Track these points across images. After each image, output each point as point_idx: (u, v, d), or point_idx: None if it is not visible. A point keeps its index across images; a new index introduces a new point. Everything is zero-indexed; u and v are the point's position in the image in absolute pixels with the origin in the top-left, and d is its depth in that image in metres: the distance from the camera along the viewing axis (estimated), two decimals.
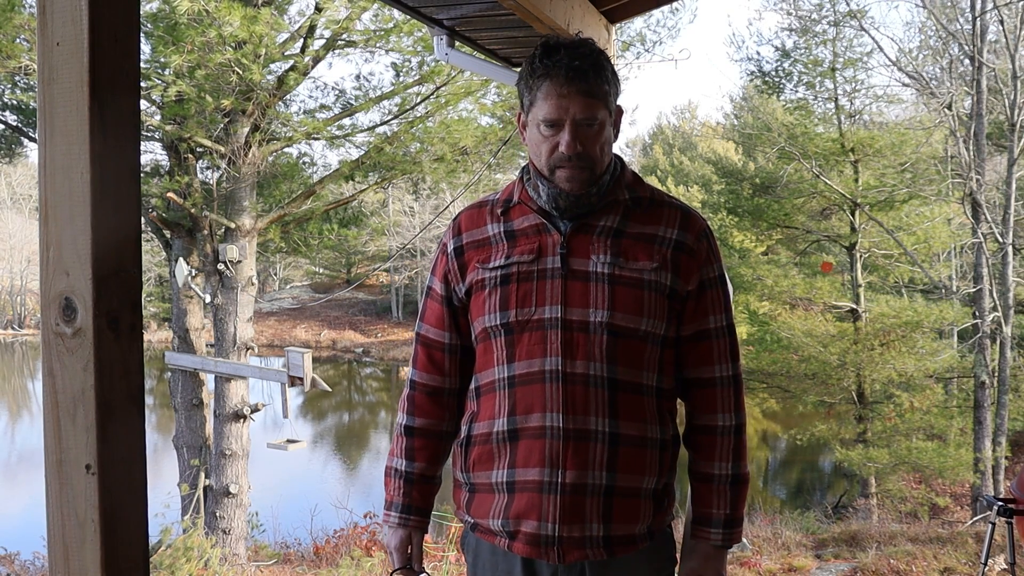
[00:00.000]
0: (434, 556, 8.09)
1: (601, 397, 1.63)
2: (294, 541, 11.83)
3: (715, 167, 22.38)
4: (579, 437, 1.62)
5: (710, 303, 1.72)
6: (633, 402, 1.65)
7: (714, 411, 1.73)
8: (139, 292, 1.20)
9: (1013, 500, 3.94)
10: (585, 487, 1.62)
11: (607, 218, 1.69)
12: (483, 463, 1.71)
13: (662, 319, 1.67)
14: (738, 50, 42.36)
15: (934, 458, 14.16)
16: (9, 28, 9.13)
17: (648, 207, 1.72)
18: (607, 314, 1.63)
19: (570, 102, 1.62)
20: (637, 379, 1.65)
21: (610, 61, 1.68)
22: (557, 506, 1.62)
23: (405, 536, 1.83)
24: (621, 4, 3.97)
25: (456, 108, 11.65)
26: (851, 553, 8.13)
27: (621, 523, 1.65)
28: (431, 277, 1.83)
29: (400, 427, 1.85)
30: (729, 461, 1.72)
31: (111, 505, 1.17)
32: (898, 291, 19.00)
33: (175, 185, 10.96)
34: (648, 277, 1.65)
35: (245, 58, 9.54)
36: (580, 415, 1.62)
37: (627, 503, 1.65)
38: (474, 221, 1.78)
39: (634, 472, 1.65)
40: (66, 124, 1.15)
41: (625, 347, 1.64)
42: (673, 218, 1.72)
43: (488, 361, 1.71)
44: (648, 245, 1.67)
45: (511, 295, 1.67)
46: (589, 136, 1.64)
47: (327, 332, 36.12)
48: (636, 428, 1.65)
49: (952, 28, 15.27)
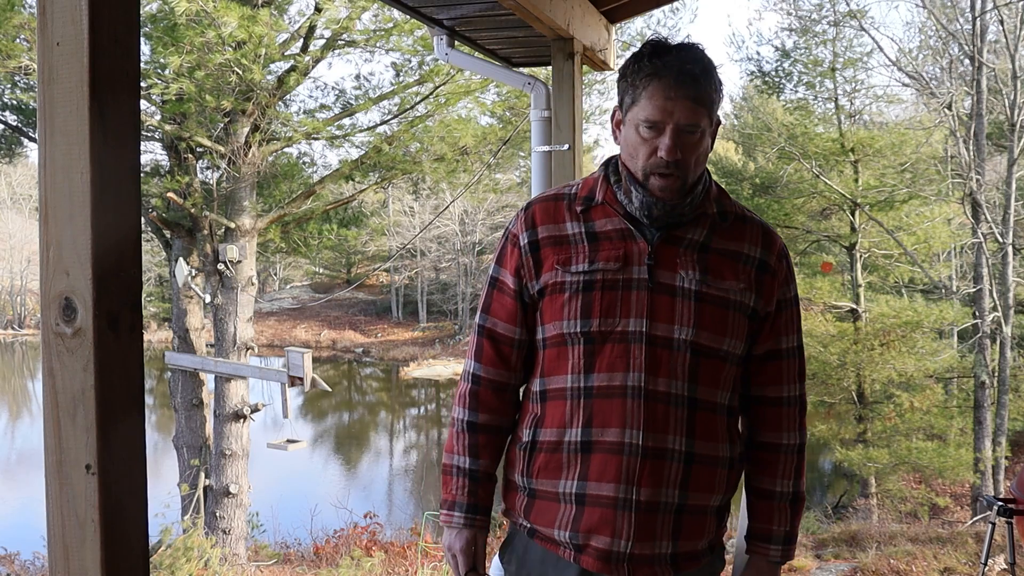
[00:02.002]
0: (434, 556, 8.09)
1: (680, 416, 1.60)
2: (294, 541, 11.83)
3: (715, 167, 22.33)
4: (656, 455, 1.59)
5: (784, 324, 1.72)
6: (709, 421, 1.64)
7: (779, 430, 1.73)
8: (139, 292, 1.20)
9: (1013, 500, 3.94)
10: (658, 505, 1.61)
11: (695, 231, 1.65)
12: (550, 471, 1.66)
13: (742, 339, 1.66)
14: (738, 50, 42.41)
15: (934, 458, 14.17)
16: (9, 28, 9.13)
17: (733, 222, 1.69)
18: (692, 332, 1.60)
19: (676, 106, 1.56)
20: (714, 398, 1.65)
21: (717, 69, 1.62)
22: (632, 523, 1.60)
23: (471, 537, 1.75)
24: (621, 4, 3.97)
25: (456, 108, 11.65)
26: (851, 553, 8.13)
27: (688, 540, 1.65)
28: (498, 268, 1.75)
29: (461, 423, 1.76)
30: (791, 479, 1.74)
31: (111, 505, 1.17)
32: (898, 291, 19.01)
33: (175, 185, 10.96)
34: (734, 297, 1.64)
35: (245, 58, 9.55)
36: (660, 433, 1.59)
37: (695, 520, 1.65)
38: (551, 215, 1.70)
39: (704, 491, 1.65)
40: (66, 124, 1.15)
41: (707, 366, 1.62)
42: (756, 235, 1.70)
43: (561, 367, 1.66)
44: (734, 263, 1.65)
45: (594, 303, 1.61)
46: (689, 144, 1.58)
47: (327, 332, 36.13)
48: (710, 447, 1.64)
49: (952, 28, 15.27)
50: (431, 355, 32.11)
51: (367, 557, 8.58)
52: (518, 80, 3.95)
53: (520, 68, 4.37)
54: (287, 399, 9.99)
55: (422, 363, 31.29)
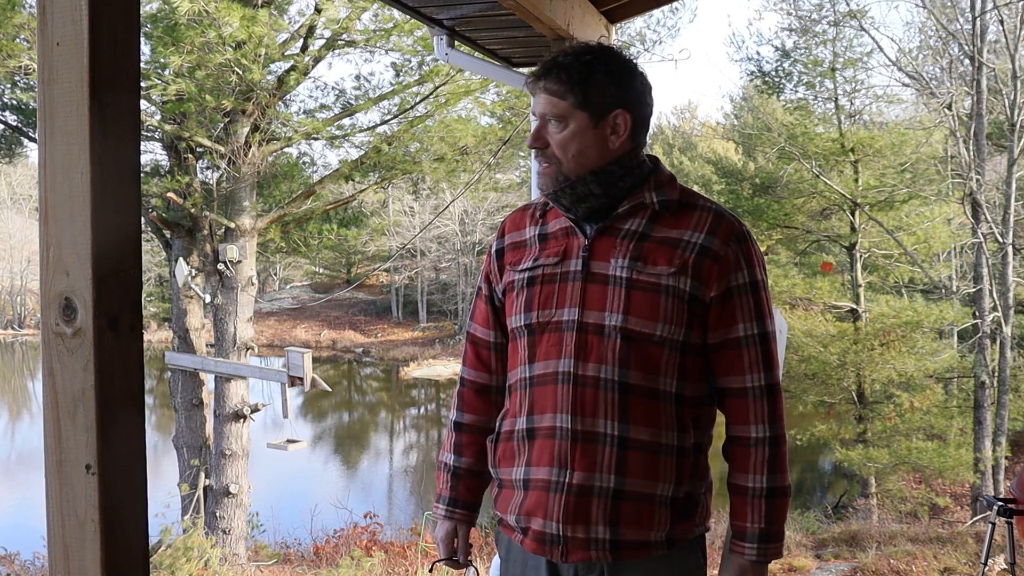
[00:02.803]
0: (434, 556, 8.09)
1: (611, 401, 1.63)
2: (294, 541, 11.84)
3: (715, 167, 22.39)
4: (587, 439, 1.64)
5: (738, 310, 1.67)
6: (647, 407, 1.64)
7: (746, 422, 1.69)
8: (139, 292, 1.20)
9: (1013, 500, 3.94)
10: (592, 489, 1.64)
11: (632, 222, 1.69)
12: (507, 460, 1.76)
13: (680, 325, 1.64)
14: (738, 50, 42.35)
15: (934, 458, 14.17)
16: (9, 28, 9.13)
17: (677, 210, 1.69)
18: (622, 318, 1.63)
19: (537, 98, 1.69)
20: (652, 384, 1.65)
21: (606, 63, 1.67)
22: (563, 506, 1.65)
23: (451, 528, 1.90)
24: (621, 4, 3.97)
25: (456, 108, 11.65)
26: (851, 553, 8.13)
27: (631, 528, 1.65)
28: (479, 277, 1.90)
29: (451, 422, 1.92)
30: (763, 474, 1.68)
31: (111, 505, 1.17)
32: (898, 291, 19.01)
33: (175, 185, 10.96)
34: (666, 282, 1.64)
35: (245, 58, 9.55)
36: (589, 417, 1.64)
37: (638, 508, 1.65)
38: (516, 224, 1.84)
39: (645, 478, 1.64)
40: (66, 124, 1.15)
41: (640, 352, 1.64)
42: (703, 222, 1.68)
43: (515, 361, 1.76)
44: (671, 249, 1.65)
45: (535, 297, 1.71)
46: (554, 134, 1.68)
47: (327, 332, 36.14)
48: (648, 433, 1.64)
49: (952, 28, 15.28)
50: (431, 355, 32.12)
51: (367, 557, 8.58)
52: (518, 80, 3.95)
53: (520, 68, 4.37)
54: (287, 399, 9.99)
55: (422, 363, 31.30)
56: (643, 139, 1.74)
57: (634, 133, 1.70)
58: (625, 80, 1.68)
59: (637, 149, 1.72)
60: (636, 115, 1.70)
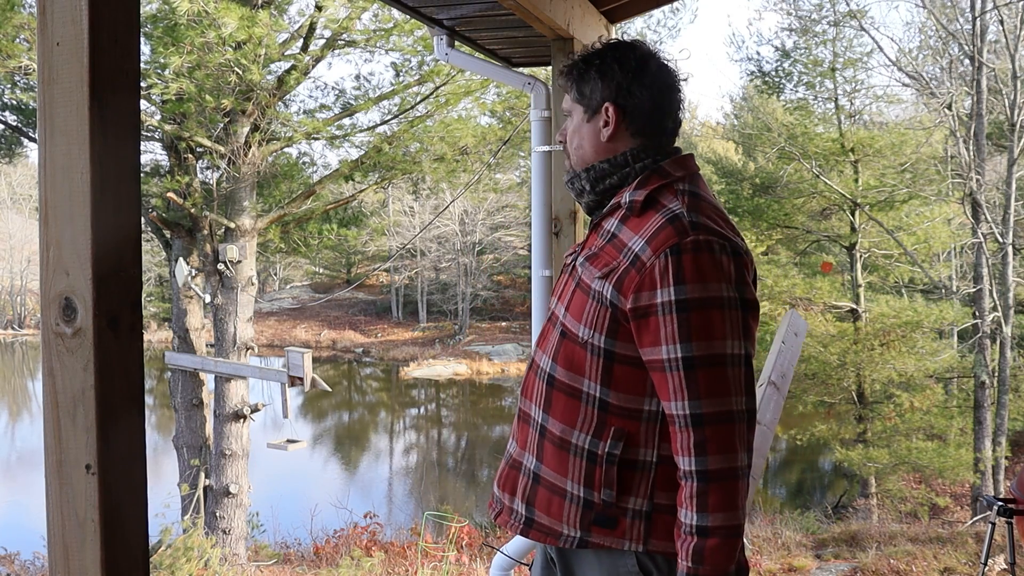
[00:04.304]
0: (434, 556, 8.09)
1: (540, 388, 1.70)
2: (294, 541, 11.83)
3: (715, 167, 22.36)
4: (523, 420, 1.74)
5: (658, 331, 1.52)
6: (567, 403, 1.65)
7: (677, 452, 1.55)
8: (139, 292, 1.20)
9: (1013, 500, 3.94)
10: (520, 465, 1.74)
11: (609, 221, 1.68)
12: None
13: (601, 331, 1.59)
14: (738, 50, 42.38)
15: (934, 458, 14.17)
16: (9, 28, 9.13)
17: (640, 212, 1.62)
18: (563, 314, 1.68)
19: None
20: (576, 384, 1.64)
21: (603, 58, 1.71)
22: (502, 473, 1.78)
23: None
24: (621, 4, 3.97)
25: (456, 108, 11.65)
26: (851, 553, 8.13)
27: (543, 512, 1.69)
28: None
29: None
30: (691, 509, 1.51)
31: (111, 505, 1.17)
32: (898, 291, 19.01)
33: (175, 185, 10.96)
34: (595, 286, 1.61)
35: (245, 58, 9.55)
36: (528, 400, 1.73)
37: (550, 496, 1.67)
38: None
39: (556, 471, 1.66)
40: (66, 124, 1.15)
41: (568, 349, 1.66)
42: (651, 227, 1.57)
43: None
44: (615, 253, 1.60)
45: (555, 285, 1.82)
46: (565, 129, 1.77)
47: (327, 332, 36.13)
48: (562, 429, 1.64)
49: (952, 28, 15.28)
50: (431, 355, 32.10)
51: (367, 557, 8.58)
52: (518, 80, 3.94)
53: (520, 68, 4.37)
54: (287, 399, 9.99)
55: (422, 363, 31.27)
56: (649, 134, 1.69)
57: (630, 127, 1.67)
58: (613, 71, 1.67)
59: (638, 147, 1.68)
60: (624, 106, 1.66)
